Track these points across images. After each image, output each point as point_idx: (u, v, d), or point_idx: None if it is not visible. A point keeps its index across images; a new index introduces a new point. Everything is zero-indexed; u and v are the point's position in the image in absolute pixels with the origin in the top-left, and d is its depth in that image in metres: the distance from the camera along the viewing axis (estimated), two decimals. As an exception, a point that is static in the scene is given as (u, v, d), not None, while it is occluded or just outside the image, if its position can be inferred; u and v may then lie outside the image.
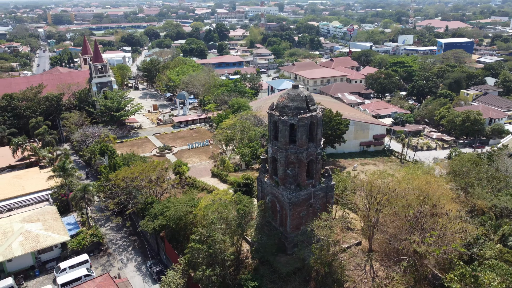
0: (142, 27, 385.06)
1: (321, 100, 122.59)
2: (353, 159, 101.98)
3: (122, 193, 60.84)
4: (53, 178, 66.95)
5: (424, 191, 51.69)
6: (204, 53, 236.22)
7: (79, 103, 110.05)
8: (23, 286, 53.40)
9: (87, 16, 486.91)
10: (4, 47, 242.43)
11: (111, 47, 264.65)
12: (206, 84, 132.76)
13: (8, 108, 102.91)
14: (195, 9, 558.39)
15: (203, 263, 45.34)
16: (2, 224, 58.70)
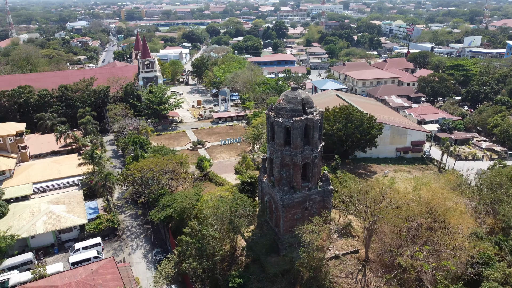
0: (206, 24, 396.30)
1: (361, 102, 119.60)
2: (386, 165, 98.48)
3: (137, 183, 64.43)
4: (83, 165, 72.37)
5: (429, 204, 49.54)
6: (258, 51, 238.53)
7: (125, 96, 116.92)
8: (42, 261, 58.81)
9: (157, 13, 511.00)
10: (76, 41, 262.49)
11: (172, 43, 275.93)
12: (248, 82, 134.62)
13: (62, 98, 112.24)
14: (259, 7, 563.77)
15: (191, 255, 47.08)
16: (32, 204, 64.95)
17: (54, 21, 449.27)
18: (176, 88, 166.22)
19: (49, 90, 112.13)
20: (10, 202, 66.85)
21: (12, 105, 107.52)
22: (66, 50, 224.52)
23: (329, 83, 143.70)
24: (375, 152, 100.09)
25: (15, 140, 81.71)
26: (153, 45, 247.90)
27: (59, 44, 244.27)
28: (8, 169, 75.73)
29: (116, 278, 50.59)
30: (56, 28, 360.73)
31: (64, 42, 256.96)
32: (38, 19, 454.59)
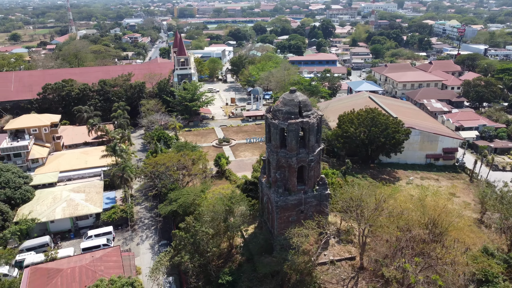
0: (255, 22, 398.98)
1: (394, 105, 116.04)
2: (414, 171, 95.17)
3: (150, 176, 67.11)
4: (106, 157, 76.36)
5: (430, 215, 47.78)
6: (301, 50, 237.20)
7: (159, 92, 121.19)
8: (58, 244, 63.02)
9: (208, 11, 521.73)
10: (127, 37, 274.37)
11: (218, 41, 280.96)
12: (281, 81, 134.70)
13: (101, 92, 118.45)
14: (310, 5, 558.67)
15: (184, 250, 48.62)
16: (55, 191, 69.70)
17: (112, 18, 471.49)
18: (214, 85, 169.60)
19: (89, 84, 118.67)
20: (37, 188, 72.12)
21: (55, 98, 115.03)
22: (116, 46, 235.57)
23: (365, 84, 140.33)
24: (402, 158, 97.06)
25: (50, 131, 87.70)
26: (198, 43, 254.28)
27: (111, 40, 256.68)
28: (41, 157, 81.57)
29: (117, 266, 53.26)
30: (112, 25, 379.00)
31: (116, 38, 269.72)
32: (98, 16, 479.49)
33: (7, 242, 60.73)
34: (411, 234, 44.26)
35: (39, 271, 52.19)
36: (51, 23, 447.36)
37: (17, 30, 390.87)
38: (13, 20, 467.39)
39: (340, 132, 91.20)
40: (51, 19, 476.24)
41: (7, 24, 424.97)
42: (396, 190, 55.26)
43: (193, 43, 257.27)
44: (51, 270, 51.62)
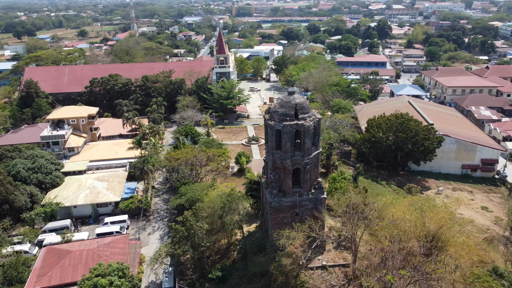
0: (311, 21, 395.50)
1: (434, 111, 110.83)
2: (446, 181, 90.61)
3: (167, 170, 69.92)
4: (132, 149, 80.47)
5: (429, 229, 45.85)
6: (351, 51, 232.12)
7: (197, 89, 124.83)
8: (78, 228, 67.65)
9: (266, 10, 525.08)
10: (182, 35, 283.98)
11: (269, 40, 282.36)
12: (320, 82, 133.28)
13: (142, 87, 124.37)
14: (370, 4, 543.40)
15: (178, 242, 50.45)
16: (81, 179, 74.81)
17: (173, 16, 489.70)
18: (256, 84, 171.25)
19: (133, 79, 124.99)
20: (68, 175, 77.73)
21: (101, 91, 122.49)
22: (170, 43, 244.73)
23: (407, 88, 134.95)
24: (436, 167, 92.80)
25: (87, 122, 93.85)
26: (248, 41, 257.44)
27: (167, 38, 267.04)
28: (76, 146, 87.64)
29: (122, 253, 56.34)
30: (171, 23, 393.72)
31: (172, 36, 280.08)
32: (160, 14, 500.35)
33: (34, 222, 66.28)
34: (400, 245, 42.64)
35: (52, 251, 56.63)
36: (117, 20, 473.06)
37: (86, 26, 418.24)
38: (83, 17, 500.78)
39: (368, 136, 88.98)
40: (117, 16, 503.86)
41: (78, 21, 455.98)
42: (398, 199, 53.25)
43: (244, 41, 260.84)
44: (63, 251, 55.80)
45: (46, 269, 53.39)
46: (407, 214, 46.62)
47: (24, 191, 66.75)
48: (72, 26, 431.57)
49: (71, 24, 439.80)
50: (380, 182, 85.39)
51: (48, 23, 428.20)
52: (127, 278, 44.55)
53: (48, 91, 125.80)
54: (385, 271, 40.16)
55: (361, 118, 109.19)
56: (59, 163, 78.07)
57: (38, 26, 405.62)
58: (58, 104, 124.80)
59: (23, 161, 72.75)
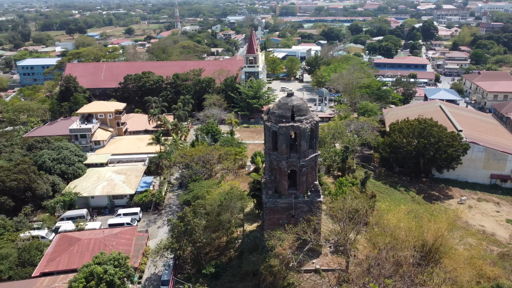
0: (355, 21, 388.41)
1: (466, 116, 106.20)
2: (472, 191, 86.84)
3: (179, 167, 71.87)
4: (151, 144, 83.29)
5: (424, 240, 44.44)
6: (391, 52, 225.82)
7: (225, 88, 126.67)
8: (94, 218, 71.09)
9: (309, 9, 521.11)
10: (222, 34, 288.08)
11: (309, 40, 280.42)
12: (350, 83, 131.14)
13: (173, 85, 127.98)
14: (419, 4, 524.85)
15: (177, 237, 51.96)
16: (101, 171, 78.45)
17: (217, 15, 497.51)
18: (289, 84, 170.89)
19: (165, 77, 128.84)
20: (90, 167, 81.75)
21: (134, 88, 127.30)
22: (208, 42, 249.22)
23: (442, 92, 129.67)
24: (462, 175, 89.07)
25: (114, 117, 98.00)
26: (286, 41, 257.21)
27: (207, 37, 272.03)
28: (102, 139, 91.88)
29: (128, 244, 58.70)
30: (214, 22, 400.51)
31: (212, 35, 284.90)
32: (205, 13, 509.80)
33: (55, 210, 70.39)
34: (389, 254, 41.66)
35: (65, 237, 60.00)
36: (164, 19, 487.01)
37: (134, 25, 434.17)
38: (132, 15, 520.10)
39: (389, 141, 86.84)
40: (164, 15, 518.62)
41: (127, 19, 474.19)
42: (398, 206, 51.73)
43: (282, 41, 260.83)
44: (73, 238, 58.99)
45: (56, 254, 56.71)
46: (402, 222, 45.38)
47: (47, 180, 71.06)
48: (121, 24, 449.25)
49: (120, 22, 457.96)
50: (398, 188, 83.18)
51: (99, 21, 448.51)
52: (122, 268, 46.47)
53: (86, 86, 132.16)
54: (369, 278, 39.42)
55: (388, 122, 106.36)
56: (83, 155, 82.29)
57: (90, 24, 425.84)
58: (94, 99, 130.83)
59: (49, 152, 77.36)
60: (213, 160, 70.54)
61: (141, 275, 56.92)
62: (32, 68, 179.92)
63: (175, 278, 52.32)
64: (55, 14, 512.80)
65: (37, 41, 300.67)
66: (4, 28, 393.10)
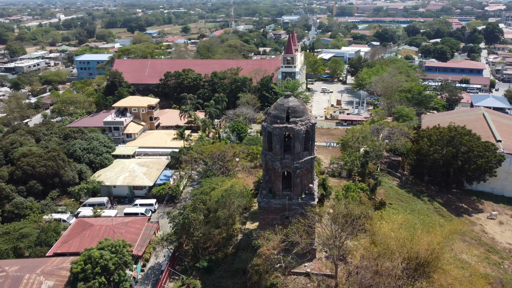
0: (413, 22, 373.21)
1: (508, 125, 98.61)
2: (508, 206, 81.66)
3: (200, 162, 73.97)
4: (175, 140, 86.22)
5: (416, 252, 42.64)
6: (445, 56, 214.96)
7: (261, 87, 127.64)
8: (113, 206, 75.02)
9: (367, 10, 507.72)
10: (272, 34, 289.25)
11: (361, 41, 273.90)
12: (389, 87, 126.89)
13: (210, 82, 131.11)
14: (487, 5, 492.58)
15: (175, 229, 53.76)
16: (125, 162, 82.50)
17: (273, 15, 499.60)
18: (331, 85, 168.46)
19: (203, 75, 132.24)
20: (117, 158, 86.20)
21: (173, 84, 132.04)
22: (257, 42, 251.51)
23: (489, 99, 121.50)
24: (498, 188, 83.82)
25: (147, 112, 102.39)
26: (336, 42, 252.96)
27: (258, 36, 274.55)
28: (133, 132, 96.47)
29: (136, 233, 61.50)
30: (268, 21, 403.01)
31: (263, 34, 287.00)
32: (261, 12, 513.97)
33: (80, 196, 75.20)
34: (371, 263, 40.39)
35: (81, 222, 64.05)
36: (221, 18, 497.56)
37: (191, 23, 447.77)
38: (191, 14, 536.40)
39: (416, 148, 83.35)
40: (222, 14, 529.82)
41: (185, 18, 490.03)
42: (396, 215, 49.64)
43: (332, 42, 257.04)
44: (87, 224, 62.83)
45: (70, 237, 60.73)
46: (394, 232, 43.73)
47: (74, 168, 76.11)
48: (179, 22, 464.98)
49: (179, 21, 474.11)
50: (422, 197, 79.63)
51: (159, 20, 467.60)
52: (118, 254, 48.94)
53: (131, 81, 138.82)
54: (342, 286, 38.54)
55: (424, 128, 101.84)
56: (111, 146, 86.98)
57: (150, 22, 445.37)
58: (137, 94, 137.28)
59: (81, 142, 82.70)
60: (228, 158, 71.71)
61: (145, 263, 59.42)
62: (88, 63, 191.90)
63: (170, 269, 54.14)
64: (120, 12, 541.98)
65: (99, 37, 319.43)
66: (74, 25, 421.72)
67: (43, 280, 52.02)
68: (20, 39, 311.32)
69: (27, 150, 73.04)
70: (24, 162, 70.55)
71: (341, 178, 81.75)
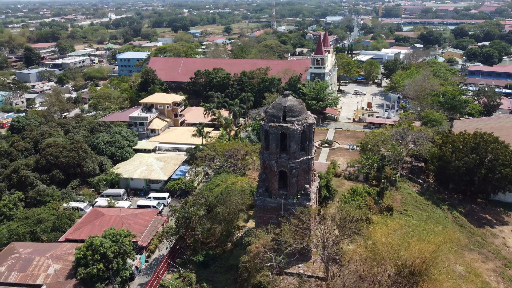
0: (462, 24, 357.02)
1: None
2: (541, 219, 76.30)
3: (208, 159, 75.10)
4: (194, 136, 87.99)
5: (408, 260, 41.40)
6: (492, 59, 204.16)
7: (288, 88, 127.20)
8: (129, 197, 77.72)
9: (415, 11, 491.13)
10: (311, 34, 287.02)
11: (404, 43, 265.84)
12: (422, 91, 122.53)
13: (239, 82, 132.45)
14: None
15: (177, 222, 55.08)
16: (145, 156, 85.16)
17: (317, 15, 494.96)
18: (365, 87, 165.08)
19: (233, 74, 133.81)
20: (138, 152, 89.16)
21: (203, 83, 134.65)
22: (295, 42, 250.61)
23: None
24: (532, 199, 78.62)
25: (171, 108, 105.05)
26: (376, 44, 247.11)
27: (297, 37, 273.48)
28: (157, 128, 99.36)
29: (144, 224, 63.48)
30: (311, 22, 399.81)
31: (302, 35, 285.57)
32: (305, 13, 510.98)
33: (99, 187, 78.56)
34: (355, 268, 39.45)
35: (94, 211, 67.01)
36: (264, 18, 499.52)
37: (235, 23, 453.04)
38: (235, 15, 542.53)
39: (438, 154, 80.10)
40: (266, 15, 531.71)
41: (229, 18, 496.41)
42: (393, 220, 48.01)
43: (372, 43, 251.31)
44: (99, 213, 65.63)
45: (82, 225, 63.70)
46: (384, 238, 42.47)
47: (95, 159, 79.63)
48: (223, 22, 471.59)
49: (223, 21, 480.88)
50: (442, 206, 76.40)
51: (203, 20, 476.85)
52: (118, 243, 50.81)
53: (164, 79, 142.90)
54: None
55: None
56: (133, 140, 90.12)
57: (195, 21, 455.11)
58: (169, 91, 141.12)
59: (104, 135, 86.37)
60: (240, 156, 72.30)
61: (150, 254, 61.18)
62: (129, 60, 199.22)
63: (169, 261, 55.47)
64: (167, 12, 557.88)
65: (144, 36, 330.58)
66: (122, 24, 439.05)
67: (51, 263, 55.03)
68: (71, 37, 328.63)
69: (52, 141, 77.29)
70: (49, 152, 74.72)
71: (357, 182, 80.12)
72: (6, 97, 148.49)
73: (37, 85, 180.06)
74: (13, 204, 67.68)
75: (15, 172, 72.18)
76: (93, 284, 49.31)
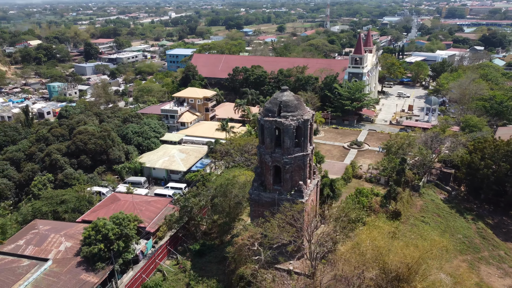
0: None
1: None
2: None
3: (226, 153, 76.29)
4: (217, 131, 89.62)
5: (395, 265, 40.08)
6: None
7: (324, 87, 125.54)
8: (150, 186, 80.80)
9: (482, 11, 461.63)
10: (362, 34, 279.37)
11: (463, 45, 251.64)
12: (467, 94, 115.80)
13: (275, 79, 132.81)
14: None
15: (180, 212, 56.76)
16: (169, 147, 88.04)
17: (375, 15, 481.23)
18: (411, 90, 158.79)
19: (268, 72, 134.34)
20: (165, 143, 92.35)
21: (240, 80, 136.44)
22: (345, 42, 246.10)
23: None
24: None
25: (202, 103, 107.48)
26: (431, 45, 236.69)
27: (348, 36, 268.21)
28: (187, 121, 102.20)
29: (154, 212, 65.77)
30: (367, 22, 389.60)
31: (354, 35, 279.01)
32: (362, 13, 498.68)
33: (123, 174, 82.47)
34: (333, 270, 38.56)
35: (113, 197, 70.52)
36: (320, 18, 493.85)
37: (290, 23, 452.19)
38: (291, 14, 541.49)
39: (467, 160, 75.55)
40: (322, 14, 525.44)
41: (284, 17, 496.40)
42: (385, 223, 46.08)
43: (426, 45, 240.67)
44: (116, 198, 68.97)
45: (99, 208, 67.28)
46: (373, 240, 41.10)
47: (122, 148, 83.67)
48: (278, 22, 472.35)
49: (278, 20, 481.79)
50: (466, 215, 72.02)
51: (258, 18, 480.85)
52: (120, 227, 53.27)
53: (205, 75, 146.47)
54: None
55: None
56: (160, 132, 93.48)
57: (250, 20, 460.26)
58: (209, 87, 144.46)
59: (134, 125, 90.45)
60: (252, 151, 72.71)
61: (158, 240, 63.35)
62: (177, 56, 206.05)
63: (168, 248, 57.20)
64: (224, 11, 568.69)
65: (198, 34, 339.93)
66: (181, 22, 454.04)
67: (63, 240, 58.74)
68: (131, 34, 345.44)
69: (83, 128, 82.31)
70: (78, 138, 79.69)
71: (378, 185, 77.62)
72: (61, 88, 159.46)
73: (92, 77, 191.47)
74: (42, 184, 73.02)
75: (48, 156, 77.74)
76: (94, 263, 52.08)
